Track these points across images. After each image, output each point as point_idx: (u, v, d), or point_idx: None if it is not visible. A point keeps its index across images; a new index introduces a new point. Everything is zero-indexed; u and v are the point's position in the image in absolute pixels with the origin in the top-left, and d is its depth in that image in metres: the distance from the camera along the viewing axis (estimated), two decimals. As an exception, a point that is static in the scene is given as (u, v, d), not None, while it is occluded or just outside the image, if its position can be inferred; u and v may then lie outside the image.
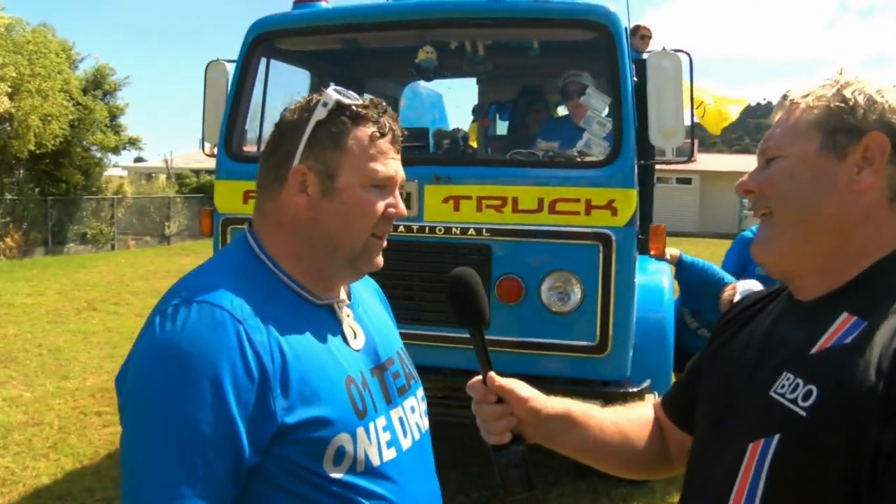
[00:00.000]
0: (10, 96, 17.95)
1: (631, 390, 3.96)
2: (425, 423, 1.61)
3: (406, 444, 1.48)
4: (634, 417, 1.59)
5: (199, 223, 5.04)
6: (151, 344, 1.26)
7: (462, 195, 4.06)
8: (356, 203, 1.41)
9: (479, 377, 1.45)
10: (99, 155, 23.60)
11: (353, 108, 1.40)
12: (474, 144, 5.66)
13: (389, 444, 1.43)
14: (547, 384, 3.98)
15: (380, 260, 1.49)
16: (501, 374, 1.46)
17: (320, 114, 1.39)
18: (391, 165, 1.44)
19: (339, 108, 1.40)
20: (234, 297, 1.29)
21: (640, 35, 7.02)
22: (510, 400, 1.43)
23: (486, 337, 1.48)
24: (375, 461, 1.39)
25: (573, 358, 3.98)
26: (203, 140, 5.11)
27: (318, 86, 5.85)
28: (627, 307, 3.97)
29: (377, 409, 1.43)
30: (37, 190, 21.73)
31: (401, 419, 1.50)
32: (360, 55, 5.57)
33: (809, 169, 1.19)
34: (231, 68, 4.83)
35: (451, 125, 6.61)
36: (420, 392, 1.64)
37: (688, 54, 4.39)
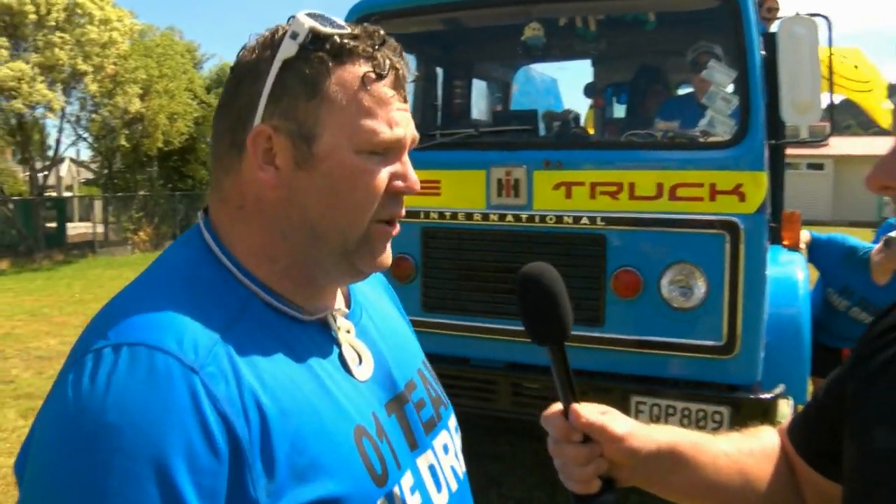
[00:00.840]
0: (141, 97, 18.80)
1: (762, 396, 3.56)
2: (462, 466, 1.21)
3: (441, 500, 1.10)
4: (757, 450, 1.21)
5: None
6: (61, 416, 0.82)
7: (574, 181, 3.76)
8: (345, 175, 0.97)
9: (557, 407, 1.10)
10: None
11: (336, 38, 0.97)
12: (590, 129, 5.34)
13: None
14: (667, 387, 3.70)
15: (387, 256, 1.05)
16: (601, 398, 1.13)
17: (288, 49, 0.96)
18: (398, 120, 0.99)
19: (316, 39, 0.96)
20: (182, 329, 0.86)
21: (768, 7, 6.50)
22: (601, 439, 1.08)
23: (600, 334, 1.15)
24: None
25: (697, 359, 3.61)
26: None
27: (425, 72, 5.68)
28: (758, 303, 3.57)
29: (400, 464, 1.02)
30: (168, 186, 22.74)
31: (432, 468, 1.10)
32: (467, 37, 5.34)
33: None
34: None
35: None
36: (453, 421, 1.23)
37: (826, 18, 3.92)
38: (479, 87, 6.45)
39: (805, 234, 4.98)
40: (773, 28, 4.19)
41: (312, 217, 0.99)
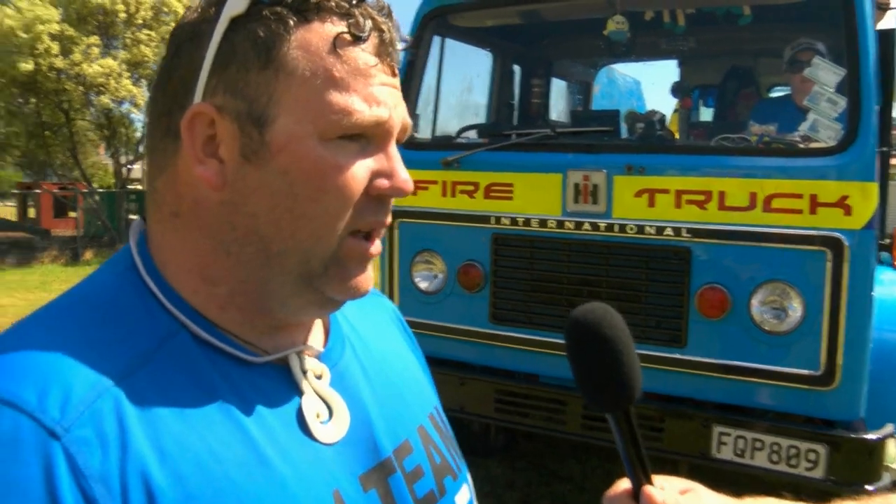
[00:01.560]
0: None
1: (868, 436, 3.18)
2: None
3: None
4: None
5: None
6: None
7: (658, 188, 3.44)
8: (307, 170, 0.73)
9: (624, 485, 0.85)
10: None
11: None
12: (675, 132, 5.00)
13: None
14: (755, 418, 3.35)
15: (364, 279, 0.81)
16: (680, 425, 0.87)
17: (237, 5, 0.72)
18: (381, 98, 0.75)
19: None
20: (55, 376, 0.65)
21: (878, 4, 6.03)
22: None
23: (681, 356, 0.88)
24: None
25: (790, 389, 3.25)
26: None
27: (501, 68, 5.43)
28: (863, 329, 3.20)
29: None
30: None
31: None
32: (547, 32, 5.07)
33: None
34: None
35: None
36: (464, 495, 0.94)
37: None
38: (558, 87, 6.18)
39: None
40: (883, 24, 3.79)
41: (264, 228, 0.75)
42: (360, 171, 0.75)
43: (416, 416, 0.93)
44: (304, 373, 0.80)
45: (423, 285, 4.13)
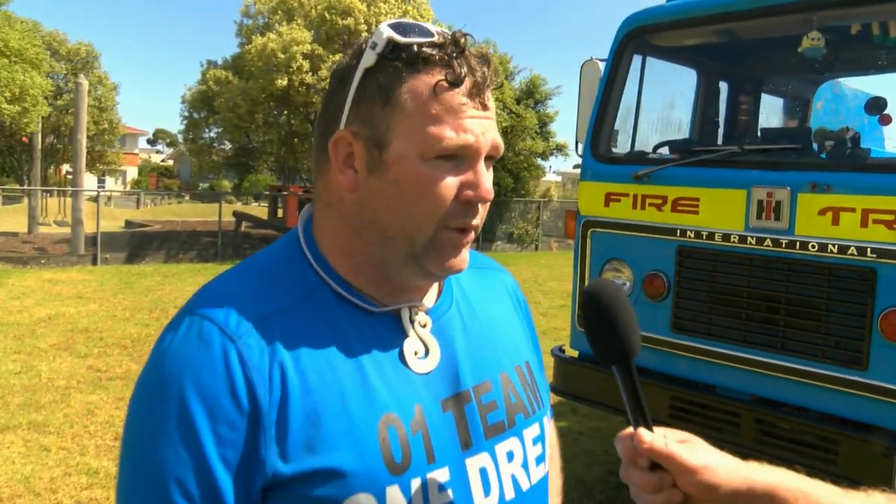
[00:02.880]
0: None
1: None
2: (536, 474, 1.17)
3: None
4: None
5: (564, 225, 5.00)
6: (146, 364, 1.02)
7: (843, 206, 3.40)
8: (411, 181, 1.01)
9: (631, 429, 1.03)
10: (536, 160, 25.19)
11: (414, 48, 1.00)
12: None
13: None
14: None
15: (459, 261, 1.07)
16: (857, 452, 1.00)
17: (368, 59, 1.01)
18: (469, 127, 1.00)
19: (394, 48, 1.00)
20: (236, 305, 1.00)
21: None
22: (670, 468, 0.99)
23: (861, 379, 0.99)
24: None
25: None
26: (577, 141, 5.04)
27: (706, 85, 5.45)
28: None
29: (435, 458, 1.03)
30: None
31: (483, 471, 1.09)
32: (752, 50, 5.05)
33: None
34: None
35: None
36: (533, 430, 1.18)
37: None
38: (773, 104, 6.04)
39: None
40: None
41: (382, 220, 1.04)
42: (450, 182, 1.01)
43: (501, 364, 1.18)
44: (413, 322, 1.09)
45: (610, 293, 4.29)
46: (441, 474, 1.03)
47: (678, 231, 4.00)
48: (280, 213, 23.87)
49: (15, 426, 5.84)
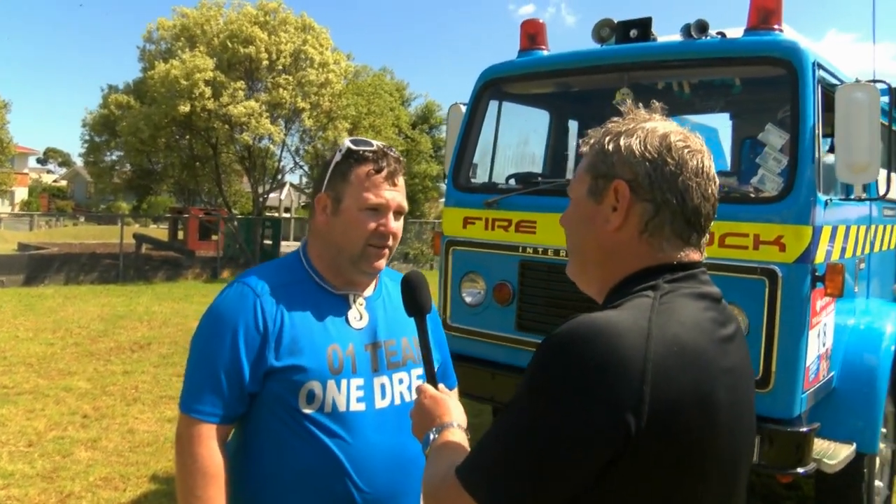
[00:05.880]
0: (350, 132, 20.69)
1: (796, 429, 3.87)
2: (412, 398, 1.89)
3: (382, 404, 1.86)
4: None
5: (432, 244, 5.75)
6: (211, 304, 1.91)
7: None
8: (352, 221, 1.87)
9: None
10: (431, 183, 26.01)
11: (360, 152, 1.87)
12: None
13: (360, 400, 1.83)
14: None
15: (378, 265, 1.92)
16: None
17: (338, 157, 1.91)
18: (383, 195, 1.87)
19: (350, 152, 1.88)
20: (263, 280, 1.87)
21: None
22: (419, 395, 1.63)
23: None
24: (342, 408, 1.80)
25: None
26: (444, 173, 5.82)
27: (556, 124, 6.35)
28: (794, 344, 3.92)
29: (356, 371, 1.84)
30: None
31: (382, 385, 1.89)
32: (585, 98, 5.97)
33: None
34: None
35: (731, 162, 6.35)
36: (418, 372, 1.94)
37: (888, 85, 4.22)
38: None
39: None
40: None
41: (338, 241, 1.91)
42: (371, 223, 1.88)
43: (404, 332, 1.98)
44: (354, 301, 1.95)
45: (468, 299, 5.10)
46: (358, 382, 1.86)
47: (520, 248, 4.82)
48: (181, 234, 23.89)
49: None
